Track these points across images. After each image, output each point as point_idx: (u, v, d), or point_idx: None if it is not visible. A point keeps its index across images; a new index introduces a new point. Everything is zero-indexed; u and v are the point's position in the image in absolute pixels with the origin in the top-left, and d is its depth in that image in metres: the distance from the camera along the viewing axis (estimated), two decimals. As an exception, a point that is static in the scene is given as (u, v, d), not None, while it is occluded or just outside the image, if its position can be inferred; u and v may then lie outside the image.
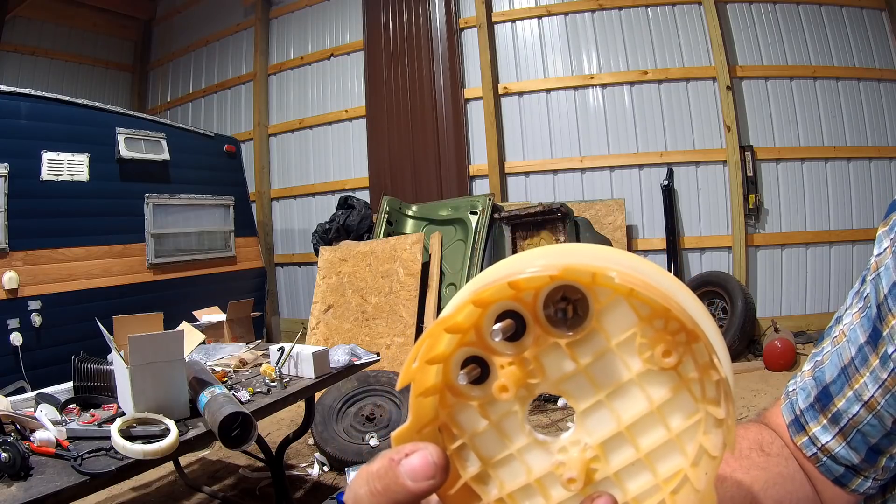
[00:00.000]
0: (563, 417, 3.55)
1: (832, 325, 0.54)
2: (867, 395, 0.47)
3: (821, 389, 0.51)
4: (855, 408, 0.48)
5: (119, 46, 7.84)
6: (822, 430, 0.50)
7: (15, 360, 3.49)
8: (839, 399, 0.49)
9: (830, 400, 0.50)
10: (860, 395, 0.48)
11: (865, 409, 0.47)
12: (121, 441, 1.41)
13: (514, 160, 5.61)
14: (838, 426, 0.49)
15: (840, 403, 0.49)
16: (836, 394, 0.50)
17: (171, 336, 1.71)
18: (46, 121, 3.80)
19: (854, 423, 0.48)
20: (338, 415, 3.17)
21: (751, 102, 5.07)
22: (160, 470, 2.95)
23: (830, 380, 0.50)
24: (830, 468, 0.50)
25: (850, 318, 0.51)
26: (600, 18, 5.38)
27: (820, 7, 5.03)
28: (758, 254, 5.06)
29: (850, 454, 0.49)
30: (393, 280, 4.41)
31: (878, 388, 0.46)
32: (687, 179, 5.16)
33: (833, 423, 0.50)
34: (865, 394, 0.47)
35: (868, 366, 0.48)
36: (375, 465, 0.27)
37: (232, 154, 5.26)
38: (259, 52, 6.78)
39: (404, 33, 5.89)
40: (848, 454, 0.49)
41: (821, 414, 0.51)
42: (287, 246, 6.78)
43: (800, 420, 0.52)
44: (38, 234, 3.71)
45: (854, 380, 0.49)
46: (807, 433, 0.51)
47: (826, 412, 0.50)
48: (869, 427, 0.48)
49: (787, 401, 0.54)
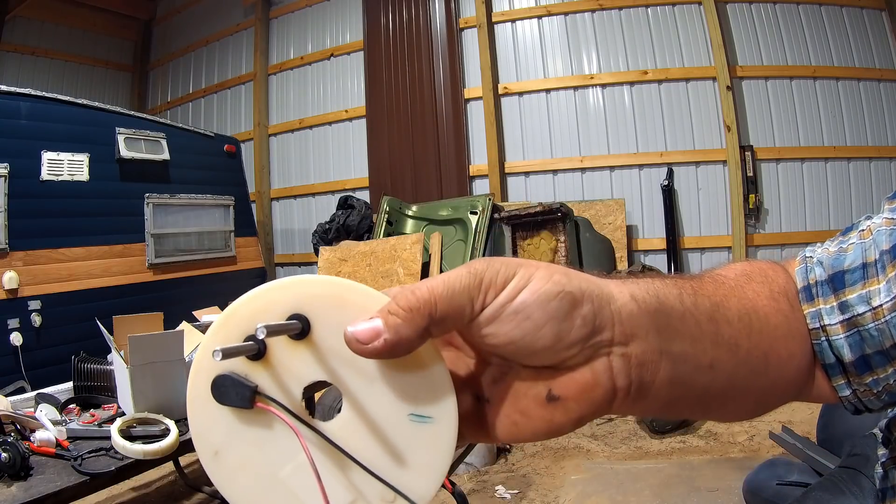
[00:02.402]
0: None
1: (861, 219, 0.51)
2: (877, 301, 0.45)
3: (838, 272, 0.48)
4: (862, 307, 0.46)
5: (119, 46, 7.84)
6: (830, 310, 0.47)
7: (15, 360, 3.49)
8: (851, 291, 0.46)
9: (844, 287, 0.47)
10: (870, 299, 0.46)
11: (871, 315, 0.45)
12: (121, 441, 1.42)
13: (514, 160, 5.61)
14: (843, 315, 0.46)
15: (851, 295, 0.46)
16: (850, 283, 0.47)
17: (171, 336, 1.72)
18: (46, 121, 3.80)
19: (857, 321, 0.46)
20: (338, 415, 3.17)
21: (751, 102, 5.07)
22: (160, 470, 2.95)
23: (849, 268, 0.47)
24: (824, 351, 0.47)
25: (879, 220, 0.49)
26: (600, 18, 5.38)
27: (820, 7, 5.03)
28: (758, 254, 5.05)
29: (843, 348, 0.47)
30: (393, 280, 4.41)
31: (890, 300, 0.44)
32: (687, 179, 5.16)
33: (840, 310, 0.47)
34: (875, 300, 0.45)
35: (886, 274, 0.46)
36: None
37: (232, 154, 5.26)
38: (259, 52, 6.79)
39: (404, 33, 5.89)
40: (842, 347, 0.47)
41: (832, 294, 0.47)
42: (287, 246, 6.78)
43: (811, 290, 0.48)
44: (38, 234, 3.71)
45: (871, 281, 0.46)
46: (814, 305, 0.48)
47: (837, 296, 0.47)
48: (868, 335, 0.45)
49: (803, 265, 0.50)
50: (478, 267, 0.34)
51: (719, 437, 3.12)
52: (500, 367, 0.38)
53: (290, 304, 0.35)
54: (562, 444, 3.19)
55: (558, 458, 3.04)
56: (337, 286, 0.35)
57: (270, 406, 0.35)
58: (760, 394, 0.45)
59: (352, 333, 0.33)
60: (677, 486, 2.59)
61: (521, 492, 2.69)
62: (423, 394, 0.35)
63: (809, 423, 2.69)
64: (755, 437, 3.03)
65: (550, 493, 2.67)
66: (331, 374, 0.36)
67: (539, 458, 3.04)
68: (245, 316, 0.36)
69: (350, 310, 0.35)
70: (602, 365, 0.36)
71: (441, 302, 0.33)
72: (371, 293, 0.35)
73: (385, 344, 0.33)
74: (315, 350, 0.36)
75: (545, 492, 2.68)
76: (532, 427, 0.37)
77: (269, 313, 0.35)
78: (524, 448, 3.17)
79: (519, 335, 0.34)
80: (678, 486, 2.60)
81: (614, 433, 3.29)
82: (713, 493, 2.48)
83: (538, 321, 0.34)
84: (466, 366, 0.41)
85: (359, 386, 0.36)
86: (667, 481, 2.64)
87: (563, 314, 0.34)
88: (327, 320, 0.35)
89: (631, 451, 3.05)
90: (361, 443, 0.36)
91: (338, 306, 0.35)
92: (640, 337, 0.36)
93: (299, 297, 0.35)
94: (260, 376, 0.36)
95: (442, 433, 0.35)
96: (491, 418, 0.38)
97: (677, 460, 2.90)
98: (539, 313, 0.34)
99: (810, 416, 2.85)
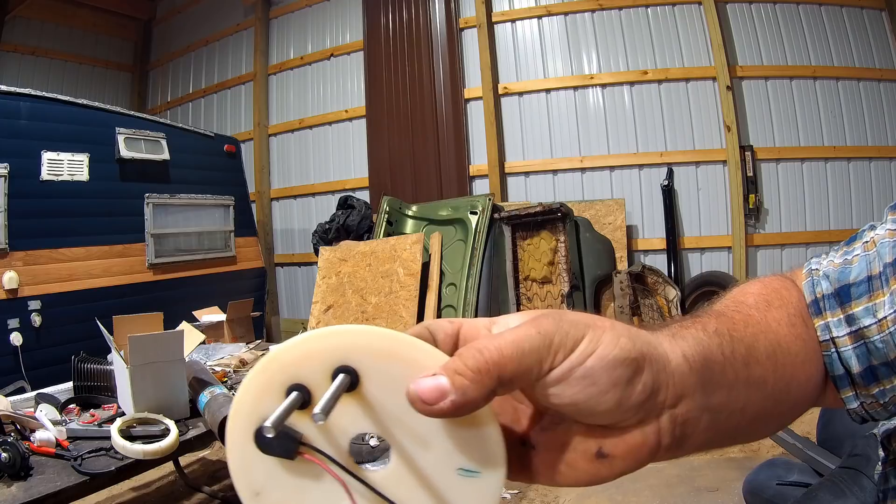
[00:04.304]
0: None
1: (865, 229, 0.52)
2: (882, 313, 0.46)
3: (844, 286, 0.49)
4: (868, 320, 0.47)
5: (119, 46, 7.84)
6: (837, 322, 0.48)
7: (15, 360, 3.49)
8: (857, 304, 0.48)
9: (850, 300, 0.48)
10: (876, 311, 0.46)
11: (877, 327, 0.46)
12: (121, 441, 1.41)
13: (514, 160, 5.61)
14: (851, 328, 0.47)
15: (857, 308, 0.48)
16: (856, 297, 0.48)
17: (171, 336, 1.71)
18: (46, 121, 3.80)
19: (864, 333, 0.47)
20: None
21: (751, 102, 5.07)
22: (160, 470, 2.95)
23: (855, 281, 0.49)
24: (833, 363, 0.48)
25: (883, 231, 0.50)
26: (600, 18, 5.38)
27: (820, 7, 5.03)
28: (758, 254, 5.05)
29: (851, 359, 0.47)
30: (393, 280, 4.41)
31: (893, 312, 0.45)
32: (687, 179, 5.16)
33: (847, 323, 0.48)
34: (881, 312, 0.46)
35: (889, 286, 0.46)
36: None
37: (232, 154, 5.26)
38: (259, 52, 6.78)
39: (404, 33, 5.89)
40: (850, 358, 0.48)
41: (839, 308, 0.49)
42: (287, 246, 6.78)
43: (819, 304, 0.50)
44: (38, 234, 3.71)
45: (875, 294, 0.47)
46: (823, 318, 0.49)
47: (844, 309, 0.48)
48: (874, 346, 0.46)
49: (810, 278, 0.52)
50: (547, 327, 0.34)
51: (719, 437, 3.12)
52: (552, 419, 0.39)
53: (338, 356, 0.34)
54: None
55: (558, 458, 3.04)
56: (389, 339, 0.35)
57: (316, 458, 0.35)
58: (781, 417, 0.47)
59: (416, 392, 0.33)
60: (677, 486, 2.59)
61: (520, 492, 2.69)
62: (474, 450, 0.35)
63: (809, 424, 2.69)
64: (755, 437, 3.03)
65: (550, 493, 2.67)
66: (380, 428, 0.36)
67: (539, 458, 3.04)
68: (288, 363, 0.35)
69: (403, 364, 0.34)
70: (652, 427, 0.37)
71: (510, 363, 0.33)
72: (426, 349, 0.35)
73: (451, 405, 0.32)
74: (363, 402, 0.35)
75: (545, 492, 2.68)
76: (575, 477, 0.38)
77: (314, 361, 0.35)
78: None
79: (583, 398, 0.35)
80: (678, 486, 2.60)
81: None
82: (713, 493, 2.48)
83: (603, 387, 0.34)
84: (516, 411, 0.41)
85: (408, 440, 0.35)
86: (667, 481, 2.64)
87: (626, 380, 0.35)
88: (377, 373, 0.35)
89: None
90: (407, 494, 0.36)
91: (389, 360, 0.34)
92: (689, 396, 0.38)
93: (347, 348, 0.35)
94: (305, 425, 0.35)
95: (489, 487, 0.36)
96: (535, 464, 0.39)
97: (677, 460, 2.91)
98: (605, 379, 0.34)
99: (810, 417, 2.85)
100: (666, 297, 4.02)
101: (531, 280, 4.33)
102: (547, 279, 4.27)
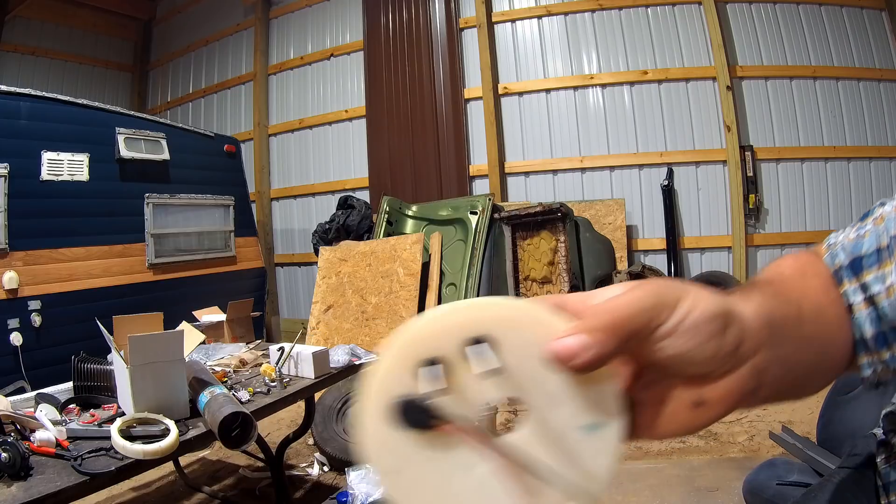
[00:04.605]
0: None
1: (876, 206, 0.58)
2: (889, 280, 0.51)
3: (856, 258, 0.55)
4: (878, 287, 0.51)
5: (119, 46, 7.84)
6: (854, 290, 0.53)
7: (15, 360, 3.49)
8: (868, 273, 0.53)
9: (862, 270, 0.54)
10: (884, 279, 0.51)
11: (885, 293, 0.51)
12: (121, 441, 1.41)
13: (514, 160, 5.61)
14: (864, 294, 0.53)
15: (868, 277, 0.53)
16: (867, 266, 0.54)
17: (171, 336, 1.71)
18: (46, 121, 3.80)
19: (875, 300, 0.51)
20: (338, 415, 3.17)
21: (751, 102, 5.07)
22: (160, 470, 2.95)
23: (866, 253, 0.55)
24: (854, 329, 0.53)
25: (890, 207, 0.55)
26: (600, 18, 5.38)
27: (820, 7, 5.03)
28: (758, 254, 5.06)
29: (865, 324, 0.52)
30: (393, 280, 4.41)
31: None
32: (687, 179, 5.16)
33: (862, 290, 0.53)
34: (888, 279, 0.51)
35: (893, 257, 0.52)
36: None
37: (232, 154, 5.26)
38: (259, 52, 6.79)
39: (404, 33, 5.89)
40: (864, 323, 0.52)
41: (854, 277, 0.54)
42: (287, 246, 6.78)
43: (839, 273, 0.55)
44: (38, 234, 3.71)
45: (884, 263, 0.52)
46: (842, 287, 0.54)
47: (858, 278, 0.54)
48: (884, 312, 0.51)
49: (829, 252, 0.58)
50: (655, 290, 0.40)
51: (719, 436, 3.12)
52: (653, 377, 0.43)
53: (470, 329, 0.37)
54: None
55: (558, 458, 3.03)
56: (517, 309, 0.38)
57: (456, 428, 0.37)
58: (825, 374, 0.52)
59: (557, 350, 0.36)
60: (677, 486, 2.59)
61: (521, 492, 2.68)
62: (598, 405, 0.39)
63: (809, 423, 2.69)
64: (755, 437, 3.03)
65: (550, 493, 2.66)
66: (516, 391, 0.38)
67: (539, 458, 3.04)
68: (420, 339, 0.38)
69: (535, 330, 0.38)
70: (739, 374, 0.42)
71: (634, 320, 0.38)
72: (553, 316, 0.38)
73: (589, 360, 0.36)
74: (498, 370, 0.38)
75: (545, 492, 2.67)
76: (675, 428, 0.42)
77: (447, 336, 0.37)
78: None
79: (687, 349, 0.39)
80: (678, 486, 2.59)
81: (614, 433, 3.29)
82: (713, 493, 2.48)
83: (703, 337, 0.39)
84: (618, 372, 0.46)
85: (541, 401, 0.39)
86: (667, 481, 2.64)
87: (720, 331, 0.40)
88: (510, 341, 0.37)
89: (631, 451, 3.05)
90: (542, 453, 0.39)
91: (522, 327, 0.38)
92: (764, 348, 0.43)
93: (479, 320, 0.37)
94: (439, 397, 0.37)
95: (611, 439, 0.39)
96: (638, 420, 0.42)
97: (677, 460, 2.90)
98: (705, 330, 0.39)
99: (810, 417, 2.85)
100: (666, 297, 4.03)
101: (531, 280, 4.33)
102: (547, 279, 4.27)
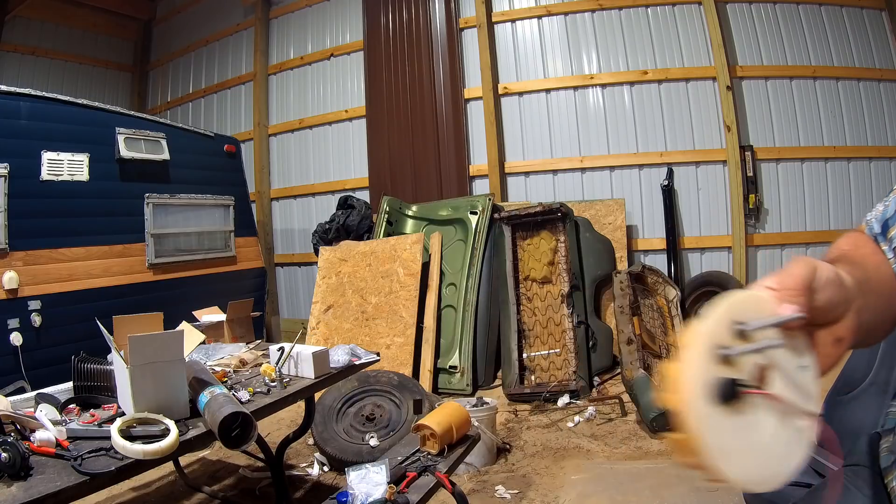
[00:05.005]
0: (562, 418, 3.55)
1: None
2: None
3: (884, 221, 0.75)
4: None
5: (119, 46, 7.84)
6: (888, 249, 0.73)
7: (15, 360, 3.49)
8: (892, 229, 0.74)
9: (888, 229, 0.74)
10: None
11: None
12: (121, 441, 1.41)
13: (514, 160, 5.61)
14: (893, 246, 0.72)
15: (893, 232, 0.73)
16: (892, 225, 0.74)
17: (171, 336, 1.71)
18: (46, 121, 3.80)
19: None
20: (338, 415, 3.17)
21: (751, 102, 5.07)
22: (160, 470, 2.95)
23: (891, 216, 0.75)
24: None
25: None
26: (600, 18, 5.38)
27: (820, 7, 5.03)
28: (758, 254, 5.06)
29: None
30: (393, 280, 4.41)
31: None
32: (687, 179, 5.16)
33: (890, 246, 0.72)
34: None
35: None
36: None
37: (232, 154, 5.26)
38: (259, 52, 6.79)
39: (404, 33, 5.89)
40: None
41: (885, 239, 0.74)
42: (287, 246, 6.78)
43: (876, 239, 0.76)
44: (38, 234, 3.71)
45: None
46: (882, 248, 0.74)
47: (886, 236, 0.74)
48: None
49: (868, 226, 0.79)
50: (805, 261, 0.58)
51: (719, 437, 3.12)
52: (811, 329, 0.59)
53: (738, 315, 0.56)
54: (562, 445, 3.18)
55: (558, 458, 3.04)
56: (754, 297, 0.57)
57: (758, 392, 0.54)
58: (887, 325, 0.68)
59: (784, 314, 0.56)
60: (677, 486, 2.58)
61: (521, 492, 2.69)
62: (803, 351, 0.58)
63: (810, 423, 2.69)
64: (755, 437, 3.03)
65: (550, 493, 2.67)
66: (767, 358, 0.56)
67: (539, 459, 3.04)
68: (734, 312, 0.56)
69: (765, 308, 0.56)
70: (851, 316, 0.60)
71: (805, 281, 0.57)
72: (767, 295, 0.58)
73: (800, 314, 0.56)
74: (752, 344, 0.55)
75: (545, 492, 2.68)
76: (830, 360, 0.60)
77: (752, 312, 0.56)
78: (524, 448, 3.17)
79: (828, 298, 0.58)
80: (678, 486, 2.59)
81: (614, 433, 3.29)
82: (713, 493, 2.48)
83: (834, 290, 0.58)
84: None
85: (781, 357, 0.57)
86: (667, 481, 2.64)
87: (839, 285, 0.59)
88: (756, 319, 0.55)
89: (631, 451, 3.05)
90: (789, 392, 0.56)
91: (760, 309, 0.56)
92: (858, 298, 0.61)
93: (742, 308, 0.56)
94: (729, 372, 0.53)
95: (815, 374, 0.59)
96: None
97: (677, 460, 2.90)
98: (833, 285, 0.58)
99: (810, 416, 2.84)
100: (666, 297, 4.02)
101: (531, 280, 4.32)
102: (547, 279, 4.27)
